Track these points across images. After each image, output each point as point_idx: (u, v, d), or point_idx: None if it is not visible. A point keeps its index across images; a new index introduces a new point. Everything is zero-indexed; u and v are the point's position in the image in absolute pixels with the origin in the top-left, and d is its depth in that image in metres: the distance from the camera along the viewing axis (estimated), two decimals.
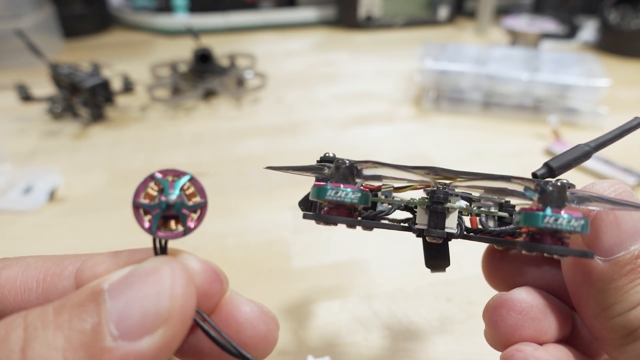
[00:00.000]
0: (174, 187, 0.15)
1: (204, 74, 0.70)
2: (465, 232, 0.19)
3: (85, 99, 0.61)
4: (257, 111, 0.67)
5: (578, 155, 0.19)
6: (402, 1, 1.00)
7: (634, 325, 0.16)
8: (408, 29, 1.03)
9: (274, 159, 0.55)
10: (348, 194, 0.17)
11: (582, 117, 0.62)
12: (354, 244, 0.41)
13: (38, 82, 0.69)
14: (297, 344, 0.32)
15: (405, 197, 0.20)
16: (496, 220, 0.20)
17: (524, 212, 0.16)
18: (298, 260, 0.40)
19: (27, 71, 0.77)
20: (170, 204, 0.15)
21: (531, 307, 0.18)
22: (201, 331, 0.16)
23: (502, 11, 1.07)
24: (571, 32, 0.94)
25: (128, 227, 0.43)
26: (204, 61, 0.70)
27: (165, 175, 0.15)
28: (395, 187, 0.20)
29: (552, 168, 0.19)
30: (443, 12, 1.03)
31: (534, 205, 0.17)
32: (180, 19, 0.97)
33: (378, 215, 0.20)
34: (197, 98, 0.69)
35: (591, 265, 0.17)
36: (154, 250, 0.16)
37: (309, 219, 0.18)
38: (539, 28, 0.82)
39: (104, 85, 0.61)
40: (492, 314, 0.18)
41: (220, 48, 0.80)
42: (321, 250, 0.41)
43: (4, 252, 0.36)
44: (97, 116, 0.63)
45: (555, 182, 0.17)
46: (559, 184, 0.16)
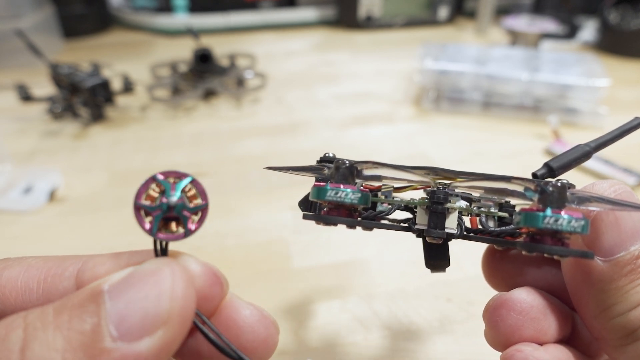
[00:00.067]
0: (175, 188, 0.15)
1: (204, 74, 0.70)
2: (465, 233, 0.19)
3: (85, 99, 0.61)
4: (257, 111, 0.67)
5: (578, 156, 0.19)
6: (402, 1, 1.00)
7: (634, 325, 0.16)
8: (408, 29, 1.02)
9: (274, 159, 0.55)
10: (348, 195, 0.17)
11: (582, 117, 0.62)
12: (354, 244, 0.41)
13: (38, 82, 0.69)
14: (297, 344, 0.32)
15: (405, 197, 0.20)
16: (496, 220, 0.20)
17: (524, 213, 0.16)
18: (298, 261, 0.40)
19: (27, 71, 0.77)
20: (172, 206, 0.15)
21: (531, 308, 0.18)
22: (200, 334, 0.16)
23: (502, 11, 1.07)
24: (571, 32, 0.94)
25: (128, 227, 0.43)
26: (204, 61, 0.70)
27: (167, 176, 0.15)
28: (395, 187, 0.20)
29: (552, 168, 0.19)
30: (443, 12, 1.03)
31: (534, 206, 0.17)
32: (180, 19, 0.97)
33: (378, 216, 0.20)
34: (197, 98, 0.68)
35: (591, 266, 0.17)
36: (155, 251, 0.16)
37: (309, 219, 0.18)
38: (539, 28, 0.82)
39: (104, 85, 0.61)
40: (492, 314, 0.18)
41: (220, 48, 0.80)
42: (321, 250, 0.41)
43: (4, 252, 0.36)
44: (97, 116, 0.63)
45: (555, 182, 0.17)
46: (559, 184, 0.16)
